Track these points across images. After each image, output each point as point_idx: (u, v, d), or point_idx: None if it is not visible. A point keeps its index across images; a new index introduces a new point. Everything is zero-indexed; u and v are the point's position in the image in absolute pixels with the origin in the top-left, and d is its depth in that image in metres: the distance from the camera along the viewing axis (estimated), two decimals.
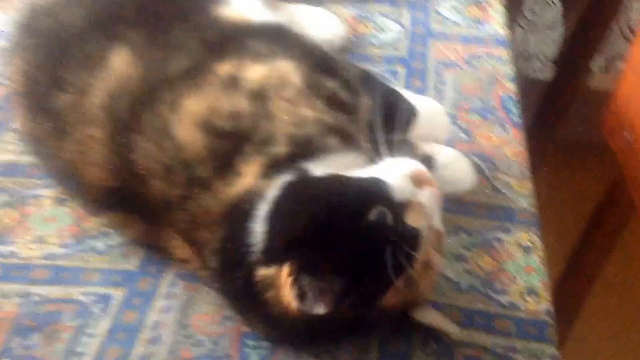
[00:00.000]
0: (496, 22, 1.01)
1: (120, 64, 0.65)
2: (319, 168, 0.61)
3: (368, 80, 0.72)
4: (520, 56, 1.94)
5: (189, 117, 0.62)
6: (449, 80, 0.92)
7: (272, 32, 0.71)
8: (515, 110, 0.88)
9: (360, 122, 0.67)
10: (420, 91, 0.90)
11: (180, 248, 0.64)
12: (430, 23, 1.01)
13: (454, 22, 1.02)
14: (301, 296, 0.55)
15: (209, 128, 0.61)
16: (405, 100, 0.74)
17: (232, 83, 0.63)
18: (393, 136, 0.65)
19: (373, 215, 0.57)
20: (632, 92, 0.93)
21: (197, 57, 0.66)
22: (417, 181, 0.60)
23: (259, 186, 0.59)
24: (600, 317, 1.29)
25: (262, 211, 0.59)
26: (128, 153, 0.63)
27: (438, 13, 1.03)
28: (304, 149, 0.61)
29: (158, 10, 0.70)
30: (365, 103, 0.68)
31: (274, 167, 0.60)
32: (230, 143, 0.61)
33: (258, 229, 0.58)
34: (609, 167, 1.02)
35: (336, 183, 0.59)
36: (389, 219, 0.58)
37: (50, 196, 0.75)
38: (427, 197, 0.60)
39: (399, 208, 0.58)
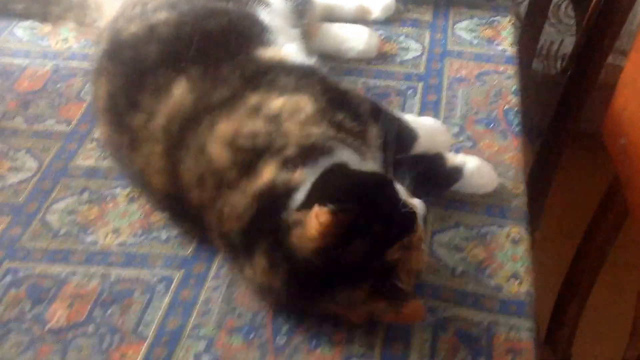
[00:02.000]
0: (506, 41, 1.14)
1: (178, 93, 0.81)
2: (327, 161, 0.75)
3: (376, 111, 0.86)
4: (544, 53, 2.04)
5: (219, 137, 0.77)
6: (460, 94, 1.06)
7: (301, 71, 0.86)
8: (516, 121, 1.01)
9: (370, 146, 0.82)
10: (435, 104, 1.04)
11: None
12: (447, 43, 1.15)
13: (469, 42, 1.15)
14: (327, 227, 0.67)
15: (233, 146, 0.77)
16: (407, 126, 0.89)
17: (255, 110, 0.79)
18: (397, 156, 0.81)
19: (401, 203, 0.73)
20: (626, 103, 1.05)
21: (235, 89, 0.81)
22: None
23: (282, 176, 0.74)
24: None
25: (300, 190, 0.73)
26: (178, 166, 0.79)
27: (455, 34, 1.16)
28: (311, 149, 0.76)
29: (213, 51, 0.85)
30: (374, 132, 0.83)
31: (287, 164, 0.74)
32: (250, 155, 0.76)
33: (297, 197, 0.72)
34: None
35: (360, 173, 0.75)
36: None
37: (124, 195, 0.91)
38: (418, 202, 0.76)
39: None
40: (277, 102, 0.80)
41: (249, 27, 0.91)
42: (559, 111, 1.39)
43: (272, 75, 0.83)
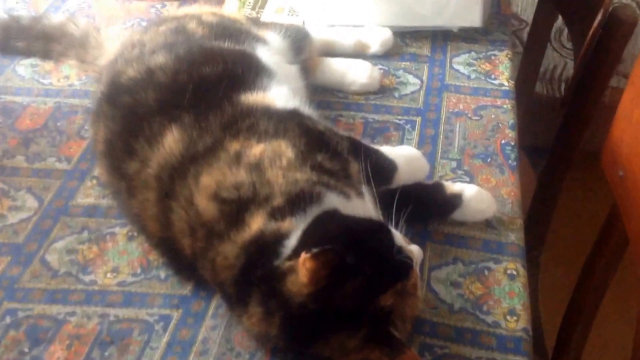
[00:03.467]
0: (503, 75, 1.15)
1: (170, 141, 0.82)
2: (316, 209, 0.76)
3: (355, 147, 0.87)
4: (548, 75, 2.06)
5: (204, 189, 0.78)
6: (458, 129, 1.06)
7: (281, 115, 0.86)
8: (512, 155, 1.01)
9: (354, 183, 0.82)
10: (433, 139, 1.05)
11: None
12: (445, 77, 1.15)
13: (467, 76, 1.16)
14: (315, 272, 0.67)
15: (218, 198, 0.77)
16: (386, 159, 0.90)
17: (237, 159, 0.79)
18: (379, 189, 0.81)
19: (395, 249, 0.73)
20: (623, 135, 1.05)
21: (217, 137, 0.82)
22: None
23: (271, 226, 0.74)
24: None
25: (291, 237, 0.74)
26: (170, 215, 0.80)
27: (453, 68, 1.17)
28: (298, 198, 0.76)
29: (205, 98, 0.86)
30: (355, 168, 0.84)
31: (275, 214, 0.75)
32: (236, 206, 0.76)
33: (289, 244, 0.73)
34: None
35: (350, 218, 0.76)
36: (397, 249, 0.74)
37: (123, 233, 0.92)
38: (415, 249, 0.76)
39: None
40: (257, 149, 0.80)
41: (242, 72, 0.92)
42: (562, 133, 1.39)
43: (251, 121, 0.84)
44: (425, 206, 0.90)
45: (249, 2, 1.34)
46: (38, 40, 1.20)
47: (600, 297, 1.16)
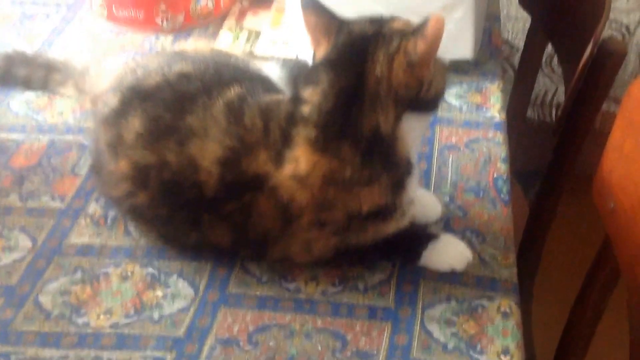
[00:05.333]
0: (495, 107, 1.16)
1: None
2: None
3: None
4: (540, 100, 2.07)
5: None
6: (450, 162, 1.07)
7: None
8: (504, 189, 1.02)
9: None
10: (426, 173, 1.05)
11: None
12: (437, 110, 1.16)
13: (458, 108, 1.16)
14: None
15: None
16: None
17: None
18: None
19: None
20: (614, 166, 1.06)
21: None
22: None
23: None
24: None
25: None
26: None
27: (444, 100, 1.17)
28: None
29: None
30: None
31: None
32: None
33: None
34: None
35: None
36: None
37: (117, 273, 0.92)
38: None
39: None
40: None
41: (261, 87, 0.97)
42: (554, 162, 1.40)
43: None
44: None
45: (243, 35, 1.35)
46: (40, 69, 1.21)
47: (593, 330, 1.16)
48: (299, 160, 0.82)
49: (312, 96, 0.81)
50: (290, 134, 0.82)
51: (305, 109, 0.82)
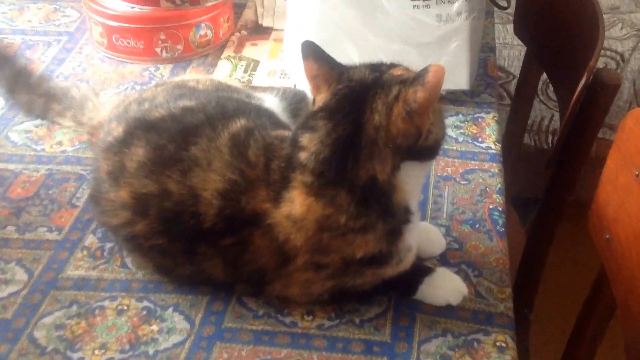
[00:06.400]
0: (490, 138, 1.16)
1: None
2: None
3: None
4: (536, 127, 2.08)
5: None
6: (446, 194, 1.07)
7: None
8: (500, 221, 1.02)
9: None
10: (422, 204, 1.05)
11: None
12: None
13: (454, 139, 1.17)
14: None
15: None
16: None
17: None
18: None
19: None
20: (609, 199, 1.06)
21: None
22: None
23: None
24: None
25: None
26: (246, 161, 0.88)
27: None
28: None
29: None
30: None
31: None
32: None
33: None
34: None
35: None
36: None
37: (112, 307, 0.92)
38: None
39: None
40: None
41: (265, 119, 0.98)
42: (550, 189, 1.40)
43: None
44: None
45: (241, 65, 1.36)
46: (41, 98, 1.22)
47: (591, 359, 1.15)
48: (295, 202, 0.82)
49: (310, 143, 0.82)
50: (289, 177, 0.82)
51: (303, 156, 0.82)
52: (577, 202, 1.31)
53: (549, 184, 1.36)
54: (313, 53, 0.86)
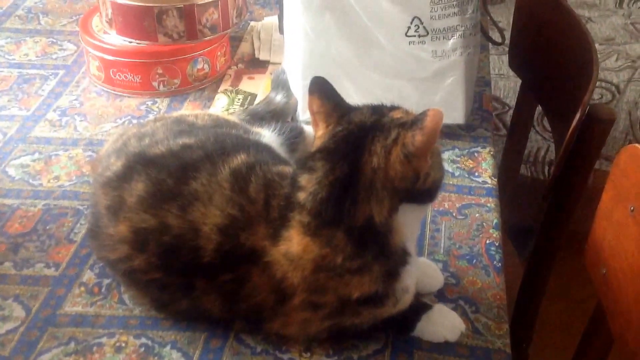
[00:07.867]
0: (486, 173, 1.17)
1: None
2: None
3: None
4: (532, 158, 2.09)
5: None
6: (443, 228, 1.08)
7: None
8: (497, 256, 1.03)
9: None
10: (419, 239, 1.06)
11: None
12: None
13: (451, 173, 1.18)
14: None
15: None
16: None
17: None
18: None
19: None
20: (604, 234, 1.07)
21: None
22: None
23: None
24: None
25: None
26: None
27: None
28: None
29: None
30: None
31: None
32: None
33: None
34: None
35: None
36: None
37: (110, 344, 0.91)
38: None
39: None
40: None
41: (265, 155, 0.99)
42: (547, 222, 1.41)
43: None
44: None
45: (238, 99, 1.37)
46: None
47: None
48: (292, 241, 0.82)
49: (308, 183, 0.82)
50: (287, 216, 0.83)
51: (301, 196, 0.82)
52: (574, 232, 1.31)
53: (546, 217, 1.37)
54: (319, 90, 0.87)
